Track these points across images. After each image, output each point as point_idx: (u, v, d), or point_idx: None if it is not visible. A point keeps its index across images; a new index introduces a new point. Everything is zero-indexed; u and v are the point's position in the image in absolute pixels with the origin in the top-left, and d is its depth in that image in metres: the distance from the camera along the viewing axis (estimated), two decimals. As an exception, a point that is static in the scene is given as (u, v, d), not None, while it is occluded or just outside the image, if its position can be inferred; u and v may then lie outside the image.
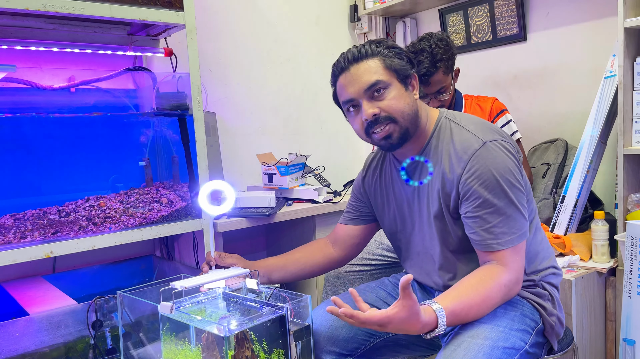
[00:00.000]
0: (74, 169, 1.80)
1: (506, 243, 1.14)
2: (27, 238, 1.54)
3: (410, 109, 1.21)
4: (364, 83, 1.19)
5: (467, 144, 1.18)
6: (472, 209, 1.16)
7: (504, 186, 1.14)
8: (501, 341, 1.09)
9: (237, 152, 2.51)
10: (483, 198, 1.14)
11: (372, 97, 1.20)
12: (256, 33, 2.57)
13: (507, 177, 1.15)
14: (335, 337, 1.29)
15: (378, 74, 1.19)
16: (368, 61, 1.20)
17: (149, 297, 1.22)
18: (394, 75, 1.21)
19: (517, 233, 1.15)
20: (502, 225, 1.14)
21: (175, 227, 1.77)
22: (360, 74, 1.20)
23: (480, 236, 1.16)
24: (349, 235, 1.46)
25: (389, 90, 1.20)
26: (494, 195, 1.14)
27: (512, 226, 1.15)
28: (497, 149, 1.17)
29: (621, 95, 1.79)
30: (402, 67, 1.22)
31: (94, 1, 1.56)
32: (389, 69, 1.20)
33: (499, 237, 1.14)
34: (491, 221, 1.15)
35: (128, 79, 2.02)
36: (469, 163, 1.16)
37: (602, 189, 2.14)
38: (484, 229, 1.15)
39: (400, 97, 1.20)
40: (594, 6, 2.15)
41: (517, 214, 1.15)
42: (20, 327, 1.43)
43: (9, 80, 1.65)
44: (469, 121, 1.24)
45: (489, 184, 1.14)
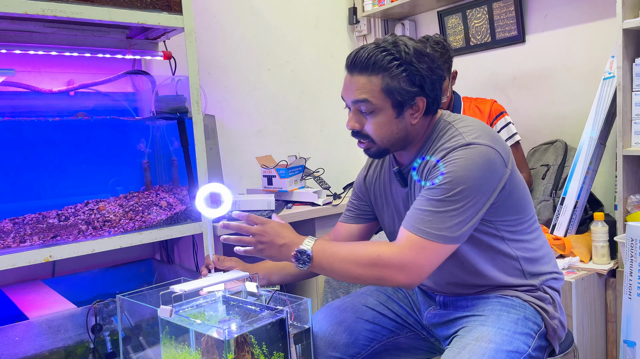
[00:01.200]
0: (73, 173, 1.80)
1: (415, 229, 1.09)
2: (27, 242, 1.53)
3: (394, 136, 1.18)
4: (354, 96, 1.17)
5: (452, 142, 1.14)
6: (422, 191, 1.13)
7: (459, 188, 1.08)
8: (505, 344, 1.08)
9: (236, 155, 2.51)
10: (434, 186, 1.11)
11: (360, 111, 1.18)
12: (255, 36, 2.57)
13: (469, 182, 1.09)
14: (335, 342, 1.28)
15: (370, 94, 1.15)
16: (370, 76, 1.14)
17: (149, 301, 1.22)
18: (388, 101, 1.15)
19: (434, 232, 1.08)
20: (426, 215, 1.09)
21: (174, 230, 1.77)
22: (354, 85, 1.16)
23: (408, 212, 1.14)
24: (350, 234, 1.45)
25: (376, 114, 1.16)
26: (444, 189, 1.09)
27: (434, 222, 1.08)
28: (480, 154, 1.10)
29: (620, 96, 1.80)
30: (403, 93, 1.14)
31: (93, 5, 1.56)
32: (387, 93, 1.14)
33: (416, 222, 1.10)
34: (423, 206, 1.11)
35: (127, 83, 2.02)
36: (445, 156, 1.13)
37: (602, 190, 2.14)
38: (414, 208, 1.12)
39: (385, 124, 1.17)
40: (593, 8, 2.15)
41: (450, 218, 1.09)
42: (20, 331, 1.43)
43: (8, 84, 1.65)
44: (464, 123, 1.20)
45: (448, 178, 1.09)
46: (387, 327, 1.33)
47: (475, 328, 1.13)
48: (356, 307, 1.33)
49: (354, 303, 1.35)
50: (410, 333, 1.36)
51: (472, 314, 1.20)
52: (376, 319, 1.33)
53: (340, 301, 1.37)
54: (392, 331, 1.34)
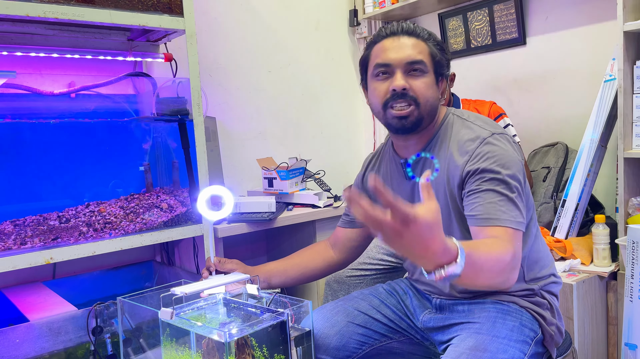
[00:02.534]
0: (74, 175, 1.80)
1: (507, 221, 1.08)
2: (27, 244, 1.53)
3: (434, 102, 1.23)
4: (409, 56, 1.19)
5: (475, 136, 1.18)
6: (477, 184, 1.12)
7: (511, 172, 1.12)
8: (500, 352, 1.08)
9: (237, 157, 2.51)
10: (489, 177, 1.11)
11: (408, 73, 1.20)
12: (256, 38, 2.57)
13: (514, 166, 1.13)
14: (326, 345, 1.28)
15: (423, 55, 1.20)
16: (419, 40, 1.22)
17: (150, 303, 1.22)
18: (432, 66, 1.22)
19: (515, 219, 1.08)
20: (502, 204, 1.09)
21: (175, 232, 1.77)
22: (409, 46, 1.20)
23: (480, 211, 1.10)
24: (348, 239, 1.45)
25: (426, 75, 1.21)
26: (500, 178, 1.11)
27: (512, 210, 1.09)
28: (506, 142, 1.17)
29: (621, 98, 1.79)
30: (442, 63, 1.24)
31: (94, 7, 1.56)
32: (432, 58, 1.22)
33: (499, 214, 1.08)
34: (492, 199, 1.10)
35: (128, 85, 2.02)
36: (475, 150, 1.15)
37: (603, 193, 2.14)
38: (484, 204, 1.10)
39: (430, 87, 1.21)
40: (594, 10, 2.15)
41: (519, 202, 1.11)
42: (20, 333, 1.43)
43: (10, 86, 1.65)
44: (476, 118, 1.25)
45: (497, 167, 1.12)
46: (378, 331, 1.33)
47: (470, 336, 1.13)
48: (348, 311, 1.33)
49: (345, 307, 1.34)
50: (404, 338, 1.35)
51: (467, 321, 1.20)
52: (368, 323, 1.32)
53: (332, 305, 1.36)
54: (384, 335, 1.33)
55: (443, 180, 1.21)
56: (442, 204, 1.21)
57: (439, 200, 1.20)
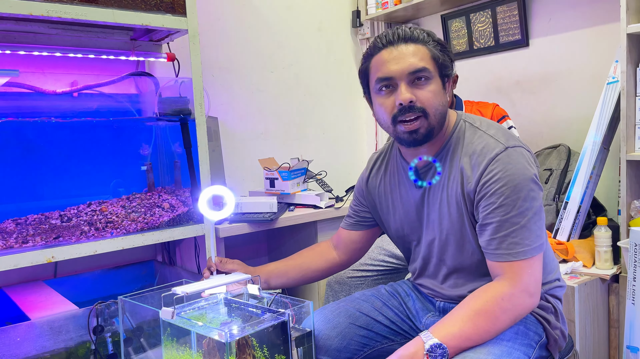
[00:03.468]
0: (76, 174, 1.80)
1: (517, 254, 1.09)
2: (29, 243, 1.54)
3: (443, 109, 1.17)
4: (410, 66, 1.13)
5: (489, 148, 1.14)
6: (486, 214, 1.12)
7: (522, 194, 1.09)
8: (505, 356, 1.07)
9: (239, 157, 2.51)
10: (498, 204, 1.10)
11: (412, 82, 1.14)
12: (259, 38, 2.57)
13: (526, 185, 1.10)
14: (327, 346, 1.27)
15: (426, 62, 1.14)
16: (418, 45, 1.15)
17: (150, 302, 1.22)
18: (437, 70, 1.16)
19: (530, 245, 1.09)
20: (515, 235, 1.09)
21: (176, 232, 1.77)
22: (408, 54, 1.13)
23: (490, 245, 1.12)
24: (351, 240, 1.44)
25: (431, 82, 1.15)
26: (510, 202, 1.09)
27: (526, 237, 1.09)
28: (519, 156, 1.12)
29: (624, 101, 1.79)
30: (446, 64, 1.18)
31: (97, 6, 1.57)
32: (435, 62, 1.16)
33: (509, 248, 1.10)
34: (503, 231, 1.10)
35: (130, 84, 2.02)
36: (489, 166, 1.12)
37: (605, 195, 2.14)
38: (494, 238, 1.11)
39: (437, 93, 1.15)
40: (597, 12, 2.15)
41: (532, 225, 1.10)
42: (22, 332, 1.43)
43: (12, 85, 1.66)
44: (489, 126, 1.20)
45: (507, 190, 1.10)
46: (380, 333, 1.32)
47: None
48: (350, 312, 1.32)
49: (347, 308, 1.33)
50: (405, 340, 1.34)
51: None
52: (369, 325, 1.32)
53: (334, 306, 1.35)
54: (386, 337, 1.33)
55: (456, 190, 1.18)
56: (455, 214, 1.19)
57: (452, 209, 1.19)
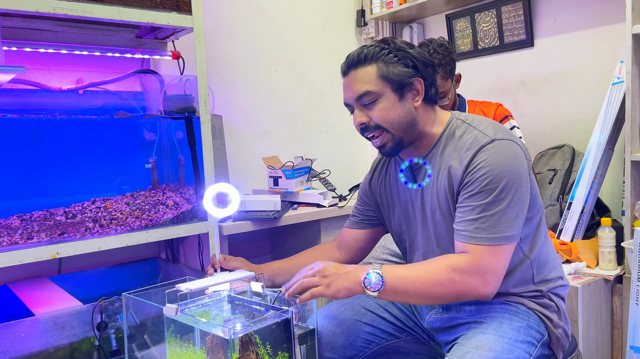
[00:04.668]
0: (81, 171, 1.81)
1: (480, 239, 1.10)
2: (34, 239, 1.54)
3: (402, 119, 1.20)
4: (355, 92, 1.20)
5: (477, 141, 1.16)
6: (463, 199, 1.14)
7: (501, 185, 1.10)
8: (505, 353, 1.07)
9: (243, 155, 2.51)
10: (477, 190, 1.11)
11: (365, 105, 1.20)
12: (263, 37, 2.57)
13: (508, 176, 1.11)
14: (333, 343, 1.28)
15: (370, 84, 1.18)
16: (365, 68, 1.19)
17: (154, 299, 1.22)
18: (388, 85, 1.19)
19: (497, 234, 1.10)
20: (484, 221, 1.10)
21: (180, 229, 1.77)
22: (353, 82, 1.20)
23: (458, 226, 1.13)
24: (355, 239, 1.45)
25: (379, 101, 1.19)
26: (487, 190, 1.11)
27: (494, 224, 1.10)
28: (506, 148, 1.13)
29: (629, 101, 1.79)
30: (399, 75, 1.18)
31: (103, 4, 1.57)
32: (383, 79, 1.18)
33: (475, 231, 1.11)
34: (473, 214, 1.11)
35: (135, 82, 2.03)
36: (475, 156, 1.14)
37: (609, 196, 2.13)
38: (464, 219, 1.12)
39: (390, 109, 1.19)
40: (602, 12, 2.14)
41: (504, 216, 1.10)
42: (26, 328, 1.43)
43: (18, 82, 1.66)
44: (480, 121, 1.22)
45: (487, 178, 1.11)
46: (385, 330, 1.33)
47: (475, 335, 1.13)
48: (355, 309, 1.33)
49: (353, 306, 1.34)
50: (410, 337, 1.35)
51: (473, 320, 1.19)
52: (375, 322, 1.32)
53: (339, 303, 1.36)
54: (391, 334, 1.33)
55: (445, 186, 1.19)
56: (445, 209, 1.21)
57: (442, 204, 1.21)
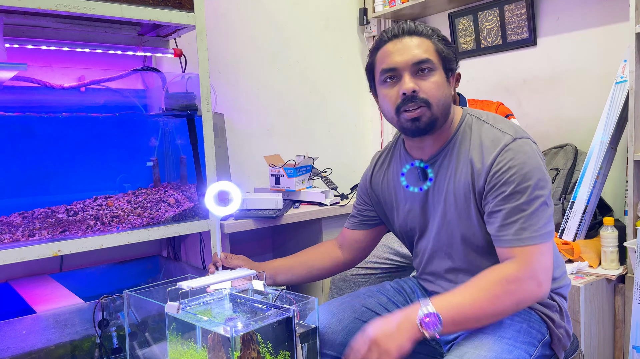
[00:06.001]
0: (83, 168, 1.81)
1: (525, 239, 1.10)
2: (35, 236, 1.54)
3: (447, 100, 1.19)
4: (415, 57, 1.16)
5: (498, 139, 1.16)
6: (496, 203, 1.13)
7: (532, 182, 1.11)
8: (505, 353, 1.07)
9: (244, 154, 2.51)
10: (509, 192, 1.11)
11: (416, 73, 1.17)
12: (265, 35, 2.57)
13: (536, 174, 1.12)
14: (332, 341, 1.27)
15: (429, 53, 1.17)
16: (422, 38, 1.19)
17: (156, 297, 1.22)
18: (441, 63, 1.19)
19: (539, 231, 1.10)
20: (523, 221, 1.10)
21: (182, 227, 1.77)
22: (413, 46, 1.17)
23: (499, 232, 1.13)
24: (355, 240, 1.44)
25: (434, 73, 1.17)
26: (520, 190, 1.11)
27: (534, 223, 1.10)
28: (528, 147, 1.14)
29: (632, 100, 1.78)
30: (450, 58, 1.21)
31: (105, 1, 1.57)
32: (439, 54, 1.19)
33: (517, 234, 1.10)
34: (512, 217, 1.11)
35: (137, 79, 2.03)
36: (499, 156, 1.14)
37: (612, 195, 2.13)
38: (503, 224, 1.12)
39: (441, 85, 1.18)
40: (605, 11, 2.13)
41: (540, 213, 1.11)
42: (27, 325, 1.44)
43: (20, 79, 1.66)
44: (496, 119, 1.22)
45: (517, 178, 1.11)
46: None
47: (475, 335, 1.12)
48: (355, 307, 1.33)
49: (353, 304, 1.34)
50: None
51: None
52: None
53: (339, 301, 1.36)
54: None
55: (466, 184, 1.18)
56: (462, 207, 1.20)
57: (458, 202, 1.20)
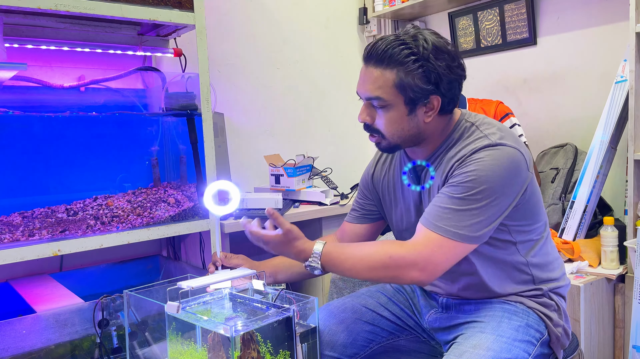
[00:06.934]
0: (83, 168, 1.81)
1: (434, 227, 1.09)
2: (35, 236, 1.54)
3: (405, 133, 1.17)
4: (366, 92, 1.16)
5: (476, 144, 1.14)
6: (444, 187, 1.13)
7: (482, 187, 1.08)
8: (504, 352, 1.07)
9: (244, 153, 2.51)
10: (456, 183, 1.10)
11: (372, 105, 1.18)
12: (265, 34, 2.57)
13: (493, 183, 1.08)
14: (334, 342, 1.27)
15: (383, 90, 1.13)
16: (384, 70, 1.12)
17: (156, 297, 1.22)
18: (401, 97, 1.13)
19: (452, 229, 1.07)
20: (447, 212, 1.09)
21: (182, 227, 1.77)
22: (368, 79, 1.15)
23: (427, 209, 1.14)
24: (356, 233, 1.44)
25: (387, 109, 1.15)
26: (465, 188, 1.08)
27: (455, 220, 1.08)
28: (504, 155, 1.10)
29: (632, 100, 1.78)
30: (417, 91, 1.12)
31: (105, 1, 1.57)
32: (400, 89, 1.12)
33: (436, 219, 1.09)
34: (442, 203, 1.10)
35: (137, 79, 2.03)
36: (468, 157, 1.12)
37: (612, 195, 2.13)
38: (435, 205, 1.11)
39: (395, 121, 1.15)
40: (605, 11, 2.13)
41: (469, 217, 1.08)
42: (27, 325, 1.44)
43: (20, 79, 1.66)
44: (488, 124, 1.19)
45: (472, 177, 1.08)
46: (386, 329, 1.32)
47: (474, 334, 1.12)
48: (356, 308, 1.33)
49: (353, 304, 1.34)
50: (411, 336, 1.35)
51: (472, 320, 1.19)
52: (375, 320, 1.32)
53: (339, 302, 1.36)
54: (392, 333, 1.33)
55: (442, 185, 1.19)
56: None
57: None
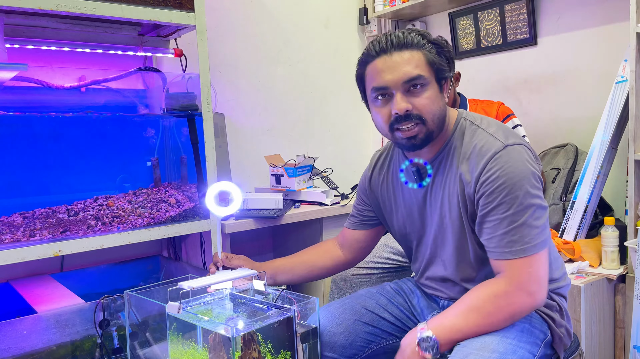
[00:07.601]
0: (83, 168, 1.81)
1: (514, 252, 1.09)
2: (36, 237, 1.54)
3: (441, 113, 1.16)
4: (405, 75, 1.11)
5: (488, 146, 1.14)
6: (485, 213, 1.12)
7: (521, 192, 1.09)
8: (509, 354, 1.06)
9: (245, 154, 2.51)
10: (497, 202, 1.10)
11: (408, 91, 1.13)
12: (266, 35, 2.57)
13: (525, 183, 1.09)
14: (333, 343, 1.27)
15: (421, 69, 1.12)
16: (412, 51, 1.13)
17: (156, 297, 1.22)
18: (434, 75, 1.14)
19: (530, 242, 1.09)
20: (514, 233, 1.09)
21: (183, 227, 1.77)
22: (402, 63, 1.12)
23: (489, 243, 1.13)
24: (356, 239, 1.44)
25: (427, 88, 1.13)
26: (508, 201, 1.09)
27: (525, 234, 1.09)
28: (518, 154, 1.12)
29: (633, 100, 1.78)
30: (442, 67, 1.15)
31: (106, 1, 1.57)
32: (431, 66, 1.14)
33: (506, 246, 1.10)
34: (501, 229, 1.10)
35: (138, 79, 2.03)
36: (488, 164, 1.12)
37: (613, 195, 2.13)
38: (496, 236, 1.11)
39: (435, 99, 1.15)
40: (606, 11, 2.13)
41: (532, 222, 1.10)
42: (28, 325, 1.44)
43: (21, 79, 1.66)
44: (489, 124, 1.19)
45: (505, 188, 1.09)
46: (386, 330, 1.32)
47: (478, 336, 1.12)
48: (355, 309, 1.32)
49: (353, 305, 1.33)
50: None
51: None
52: (375, 322, 1.32)
53: (339, 303, 1.35)
54: (391, 334, 1.33)
55: (456, 189, 1.18)
56: (456, 214, 1.19)
57: (453, 209, 1.20)
